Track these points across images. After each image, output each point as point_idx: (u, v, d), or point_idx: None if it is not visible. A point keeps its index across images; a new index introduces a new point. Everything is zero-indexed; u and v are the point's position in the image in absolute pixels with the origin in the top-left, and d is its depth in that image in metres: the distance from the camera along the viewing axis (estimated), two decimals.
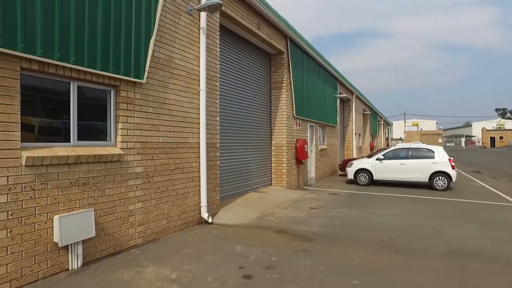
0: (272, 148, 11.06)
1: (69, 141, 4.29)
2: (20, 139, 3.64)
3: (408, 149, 12.50)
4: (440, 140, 32.44)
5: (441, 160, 11.71)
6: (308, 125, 13.04)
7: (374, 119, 33.19)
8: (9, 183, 3.55)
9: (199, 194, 6.46)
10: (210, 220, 6.47)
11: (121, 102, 4.84)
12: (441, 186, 11.53)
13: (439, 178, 11.62)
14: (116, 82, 4.77)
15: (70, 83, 4.29)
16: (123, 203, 4.86)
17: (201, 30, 6.49)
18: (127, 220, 4.94)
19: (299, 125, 11.97)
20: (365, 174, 12.91)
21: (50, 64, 3.93)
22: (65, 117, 4.28)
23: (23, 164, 3.64)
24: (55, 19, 3.88)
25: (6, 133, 3.52)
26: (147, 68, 5.14)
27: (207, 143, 6.58)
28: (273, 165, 11.06)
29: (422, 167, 11.92)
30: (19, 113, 3.64)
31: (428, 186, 12.12)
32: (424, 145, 12.59)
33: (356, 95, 22.31)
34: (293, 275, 4.15)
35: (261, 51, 10.51)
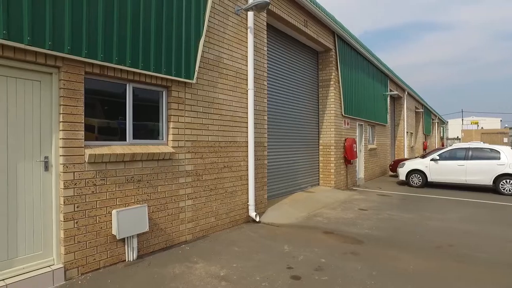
0: (320, 147, 10.86)
1: (125, 139, 4.53)
2: (83, 138, 3.91)
3: (467, 149, 11.58)
4: (505, 140, 29.57)
5: (508, 161, 10.68)
6: (357, 124, 12.62)
7: (428, 117, 31.29)
8: (75, 178, 3.84)
9: (247, 193, 6.52)
10: (257, 219, 6.50)
11: (172, 102, 5.02)
12: (509, 191, 10.53)
13: (506, 181, 10.61)
14: (168, 82, 4.96)
15: (126, 85, 4.54)
16: (174, 200, 5.04)
17: (248, 30, 6.53)
18: (178, 216, 5.11)
19: (348, 124, 11.63)
20: (419, 176, 12.20)
21: (109, 67, 4.19)
22: (122, 117, 4.53)
23: (86, 161, 3.92)
24: (114, 27, 4.12)
25: (73, 133, 3.81)
26: (197, 68, 5.28)
27: (255, 142, 6.62)
28: (320, 164, 10.85)
29: (485, 169, 10.96)
30: (83, 114, 3.92)
31: (492, 190, 11.15)
32: (487, 145, 11.59)
33: (407, 92, 21.19)
34: (343, 278, 4.02)
35: (308, 49, 10.35)
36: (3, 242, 3.43)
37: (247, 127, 6.50)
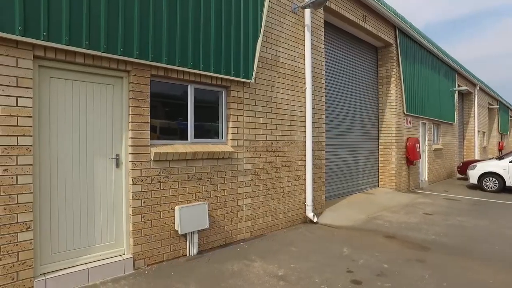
0: (380, 147, 10.36)
1: (186, 139, 4.72)
2: (149, 137, 4.15)
3: None
4: None
5: None
6: (420, 123, 11.83)
7: (505, 115, 28.32)
8: (142, 175, 4.08)
9: (305, 193, 6.43)
10: (315, 220, 6.38)
11: (231, 102, 5.12)
12: None
13: None
14: (227, 83, 5.06)
15: (188, 86, 4.72)
16: (233, 198, 5.13)
17: (305, 28, 6.44)
18: (236, 214, 5.20)
19: (410, 123, 10.94)
20: (494, 179, 11.05)
21: (172, 69, 4.39)
22: (183, 117, 4.71)
23: (152, 159, 4.15)
24: (176, 31, 4.32)
25: (140, 132, 4.06)
26: (255, 68, 5.32)
27: (313, 142, 6.51)
28: (380, 165, 10.35)
29: None
30: (149, 114, 4.15)
31: None
32: None
33: (479, 87, 19.36)
34: (409, 287, 3.77)
35: (367, 44, 9.93)
36: (84, 230, 3.78)
37: (305, 126, 6.41)
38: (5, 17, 3.06)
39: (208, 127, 5.06)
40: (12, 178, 3.19)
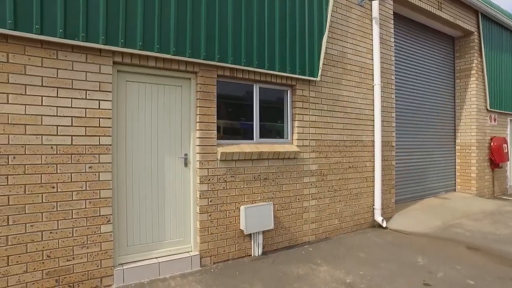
0: (457, 147, 9.41)
1: (252, 138, 4.71)
2: (216, 137, 4.21)
3: None
4: None
5: None
6: (508, 120, 10.50)
7: None
8: (209, 174, 4.17)
9: (373, 196, 6.07)
10: (384, 224, 5.98)
11: (297, 101, 5.00)
12: None
13: None
14: (292, 81, 4.96)
15: (253, 85, 4.71)
16: (298, 199, 5.01)
17: (373, 21, 6.06)
18: (302, 216, 5.07)
19: (495, 120, 9.77)
20: None
21: (238, 69, 4.41)
22: (248, 116, 4.71)
23: (218, 158, 4.21)
24: (242, 31, 4.33)
25: (207, 132, 4.14)
26: (320, 65, 5.14)
27: (382, 141, 6.11)
28: (457, 167, 9.40)
29: None
30: (215, 114, 4.22)
31: None
32: None
33: None
34: None
35: (442, 35, 9.07)
36: (155, 226, 3.97)
37: (373, 125, 6.04)
38: (92, 28, 3.34)
39: (273, 127, 5.01)
40: (95, 174, 3.45)
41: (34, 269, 3.20)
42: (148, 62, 3.77)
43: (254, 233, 4.52)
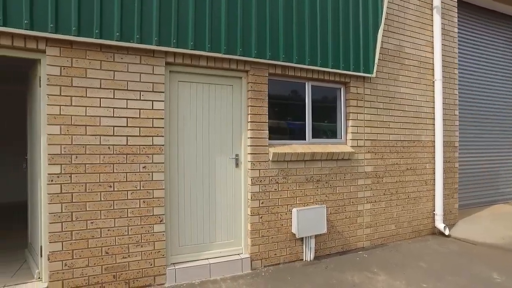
0: None
1: (304, 139, 4.53)
2: (267, 137, 4.10)
3: None
4: None
5: None
6: None
7: None
8: (260, 175, 4.06)
9: (433, 200, 5.60)
10: (446, 232, 5.49)
11: (351, 99, 4.74)
12: None
13: None
14: (346, 78, 4.71)
15: (305, 83, 4.53)
16: (352, 202, 4.75)
17: (434, 10, 5.59)
18: (356, 220, 4.80)
19: None
20: None
21: (290, 67, 4.26)
22: (300, 116, 4.54)
23: (270, 159, 4.09)
24: (293, 27, 4.18)
25: (259, 132, 4.04)
26: (376, 61, 4.82)
27: (443, 142, 5.62)
28: None
29: None
30: (267, 114, 4.11)
31: None
32: None
33: None
34: None
35: None
36: (206, 227, 3.94)
37: (433, 124, 5.58)
38: (145, 30, 3.39)
39: (325, 127, 4.79)
40: (149, 174, 3.50)
41: (95, 264, 3.31)
42: (199, 62, 3.76)
43: (306, 237, 4.34)
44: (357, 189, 4.78)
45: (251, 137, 4.02)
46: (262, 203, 4.08)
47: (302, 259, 4.39)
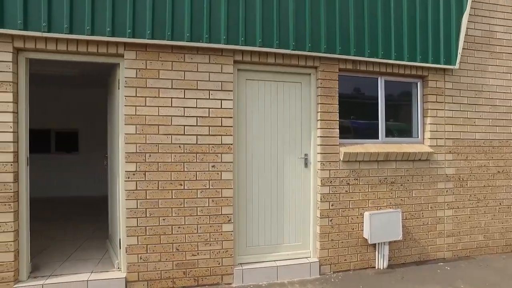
0: None
1: (377, 137, 4.22)
2: (338, 136, 3.88)
3: None
4: None
5: None
6: None
7: None
8: (330, 176, 3.86)
9: None
10: None
11: (429, 94, 4.31)
12: None
13: None
14: (423, 71, 4.29)
15: (377, 78, 4.22)
16: (430, 207, 4.31)
17: None
18: (435, 227, 4.35)
19: None
20: None
21: (361, 61, 3.99)
22: (372, 113, 4.24)
23: (341, 159, 3.86)
24: (365, 18, 3.91)
25: (329, 131, 3.85)
26: (459, 50, 4.32)
27: None
28: None
29: None
30: (338, 111, 3.89)
31: None
32: None
33: None
34: None
35: None
36: (274, 228, 3.86)
37: None
38: (214, 29, 3.42)
39: (399, 125, 4.42)
40: (218, 173, 3.50)
41: (166, 259, 3.41)
42: (267, 59, 3.67)
43: (379, 243, 4.03)
44: (436, 193, 4.32)
45: (321, 136, 3.83)
46: (332, 205, 3.88)
47: (374, 267, 4.09)
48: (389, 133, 4.30)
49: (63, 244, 4.51)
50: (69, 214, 6.61)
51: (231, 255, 3.57)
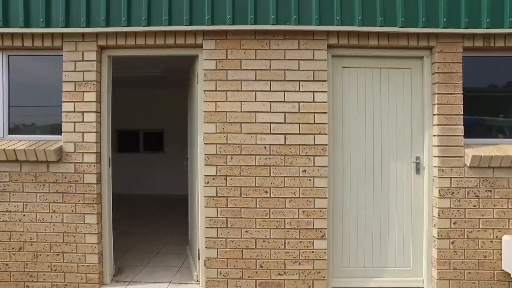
0: None
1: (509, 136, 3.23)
2: (462, 134, 3.01)
3: None
4: None
5: None
6: None
7: None
8: (452, 186, 3.00)
9: None
10: None
11: None
12: None
13: None
14: None
15: None
16: None
17: None
18: None
19: None
20: None
21: (498, 35, 3.02)
22: (510, 105, 3.24)
23: (467, 164, 2.98)
24: None
25: (449, 128, 3.00)
26: None
27: None
28: None
29: None
30: (461, 103, 3.02)
31: None
32: None
33: None
34: None
35: None
36: (376, 247, 3.16)
37: None
38: (304, 8, 2.93)
39: None
40: (310, 180, 2.95)
41: (249, 277, 2.99)
42: (368, 41, 3.00)
43: None
44: None
45: (438, 135, 3.00)
46: (454, 223, 3.01)
47: None
48: None
49: (144, 246, 4.44)
50: (153, 213, 6.73)
51: (324, 277, 2.98)
